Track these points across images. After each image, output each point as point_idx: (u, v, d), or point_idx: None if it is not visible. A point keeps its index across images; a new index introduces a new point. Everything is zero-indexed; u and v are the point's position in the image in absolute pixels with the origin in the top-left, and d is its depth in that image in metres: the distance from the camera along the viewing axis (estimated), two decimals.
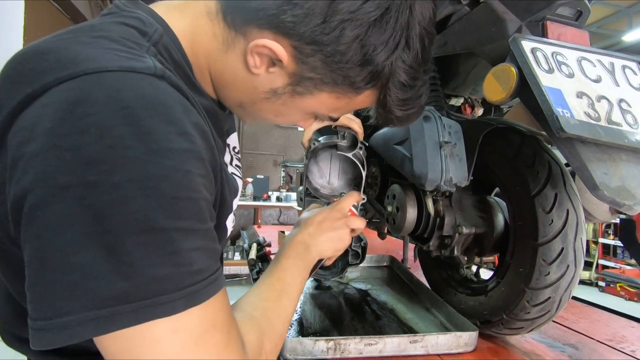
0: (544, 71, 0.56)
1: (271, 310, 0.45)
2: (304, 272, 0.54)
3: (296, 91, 0.41)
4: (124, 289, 0.28)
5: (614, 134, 0.54)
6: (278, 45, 0.37)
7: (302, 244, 0.57)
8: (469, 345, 0.72)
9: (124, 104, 0.30)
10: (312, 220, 0.60)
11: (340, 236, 0.61)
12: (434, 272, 0.96)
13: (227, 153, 0.53)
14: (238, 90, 0.44)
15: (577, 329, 0.87)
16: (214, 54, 0.41)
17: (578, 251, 0.63)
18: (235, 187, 0.49)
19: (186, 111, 0.33)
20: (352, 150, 0.93)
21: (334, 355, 0.67)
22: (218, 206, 0.41)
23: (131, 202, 0.29)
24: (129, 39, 0.35)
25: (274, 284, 0.49)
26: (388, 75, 0.40)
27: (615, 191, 0.52)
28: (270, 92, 0.42)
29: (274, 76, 0.40)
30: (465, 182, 0.75)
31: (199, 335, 0.32)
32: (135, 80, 0.31)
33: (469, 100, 1.09)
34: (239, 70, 0.41)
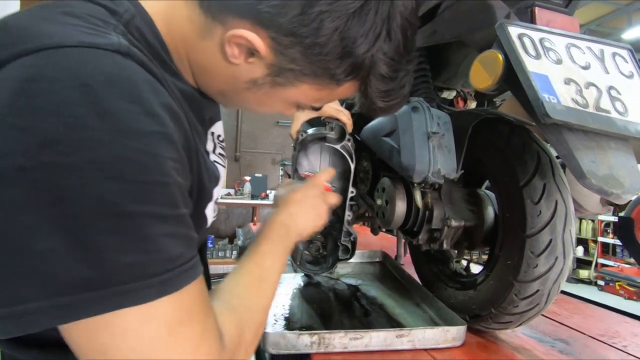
0: (530, 57, 0.55)
1: (250, 298, 0.43)
2: (284, 255, 0.52)
3: (276, 82, 0.40)
4: (87, 276, 0.27)
5: (602, 121, 0.53)
6: (255, 36, 0.36)
7: (282, 225, 0.55)
8: (457, 340, 0.70)
9: (82, 81, 0.28)
10: (291, 199, 0.59)
11: (320, 213, 0.61)
12: (425, 267, 0.95)
13: (209, 141, 0.52)
14: (218, 79, 0.42)
15: (569, 324, 0.85)
16: (191, 40, 0.40)
17: (567, 243, 0.62)
18: (216, 175, 0.48)
19: (155, 91, 0.32)
20: (340, 142, 0.92)
21: (318, 349, 0.66)
22: (196, 193, 0.40)
23: (93, 185, 0.27)
24: (96, 16, 0.33)
25: (253, 270, 0.47)
26: (369, 67, 0.39)
27: (603, 179, 0.51)
28: (250, 82, 0.41)
29: (253, 66, 0.39)
30: (455, 174, 0.73)
31: (173, 325, 0.30)
32: (96, 56, 0.30)
33: (462, 93, 1.08)
34: (217, 59, 0.39)
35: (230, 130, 5.10)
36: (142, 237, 0.29)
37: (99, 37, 0.31)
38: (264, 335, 0.65)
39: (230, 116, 5.09)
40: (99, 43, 0.30)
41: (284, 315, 0.81)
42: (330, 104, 0.87)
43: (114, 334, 0.28)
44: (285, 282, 1.03)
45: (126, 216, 0.28)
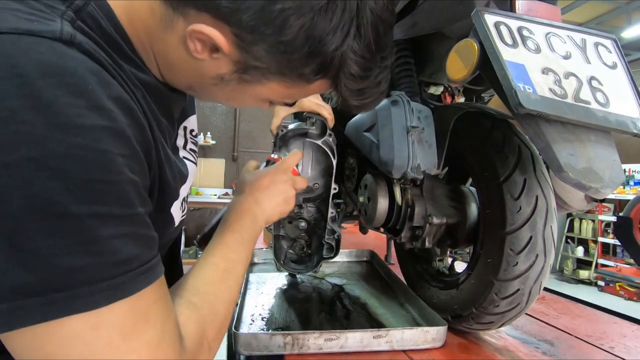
0: (507, 46, 0.52)
1: (214, 294, 0.42)
2: (250, 245, 0.51)
3: (243, 79, 0.38)
4: (27, 281, 0.25)
5: (580, 112, 0.50)
6: (216, 32, 0.34)
7: (249, 214, 0.53)
8: (436, 341, 0.68)
9: (16, 72, 0.26)
10: (258, 185, 0.57)
11: (287, 199, 0.59)
12: (409, 266, 0.92)
13: (180, 136, 0.50)
14: (184, 73, 0.40)
15: (556, 325, 0.83)
16: (153, 31, 0.38)
17: (548, 240, 0.59)
18: (183, 172, 0.46)
19: (102, 83, 0.29)
20: (321, 138, 0.89)
21: (292, 350, 0.64)
22: (157, 192, 0.38)
23: (30, 184, 0.25)
24: (41, 1, 0.31)
25: (218, 264, 0.45)
26: (338, 66, 0.37)
27: (582, 173, 0.49)
28: (217, 78, 0.39)
29: (218, 62, 0.37)
30: (436, 170, 0.71)
31: (127, 330, 0.28)
32: (32, 45, 0.27)
33: (449, 88, 1.05)
34: (181, 53, 0.37)
35: (228, 130, 5.09)
36: (89, 239, 0.27)
37: (38, 24, 0.28)
38: (235, 336, 0.63)
39: (228, 116, 5.08)
40: (37, 30, 0.28)
41: (262, 315, 0.79)
42: (311, 98, 0.85)
43: (61, 343, 0.27)
44: (267, 281, 1.01)
45: (69, 217, 0.26)
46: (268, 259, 1.16)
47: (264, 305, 0.84)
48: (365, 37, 0.36)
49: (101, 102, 0.28)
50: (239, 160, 5.20)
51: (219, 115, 5.01)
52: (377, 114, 0.75)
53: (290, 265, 1.00)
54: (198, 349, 0.37)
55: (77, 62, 0.29)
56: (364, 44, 0.36)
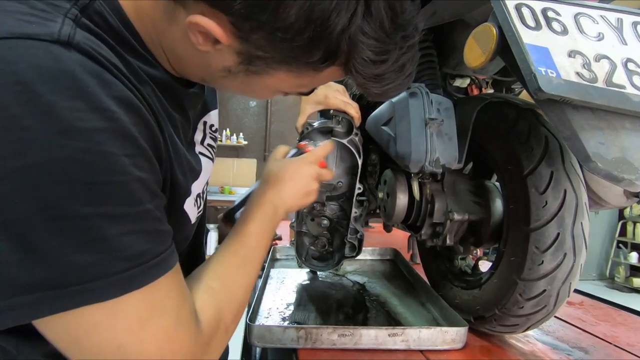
0: (528, 28, 0.49)
1: (232, 279, 0.43)
2: (269, 234, 0.51)
3: (250, 70, 0.37)
4: (44, 276, 0.27)
5: (612, 96, 0.46)
6: (212, 23, 0.33)
7: (270, 204, 0.53)
8: (456, 342, 0.65)
9: (17, 78, 0.26)
10: (282, 175, 0.56)
11: (309, 192, 0.58)
12: (432, 264, 0.89)
13: (199, 131, 0.51)
14: (193, 66, 0.40)
15: (593, 332, 0.76)
16: (159, 25, 0.38)
17: (577, 237, 0.55)
18: (195, 169, 0.46)
19: (102, 83, 0.29)
20: (347, 137, 0.88)
21: (305, 344, 0.64)
22: (169, 189, 0.39)
23: (36, 189, 0.26)
24: (44, 1, 0.31)
25: (238, 250, 0.46)
26: (347, 51, 0.34)
27: (613, 163, 0.44)
28: (224, 70, 0.38)
29: (222, 54, 0.36)
30: (457, 164, 0.68)
31: (144, 318, 0.31)
32: (30, 49, 0.27)
33: (476, 80, 1.01)
34: (187, 46, 0.37)
35: (260, 130, 5.19)
36: (98, 237, 0.28)
37: (36, 26, 0.28)
38: (250, 328, 0.64)
39: (260, 117, 5.18)
40: (34, 33, 0.28)
41: (279, 309, 0.80)
42: (338, 95, 0.83)
43: (86, 329, 0.29)
44: (288, 277, 1.01)
45: (76, 218, 0.27)
46: (290, 255, 1.16)
47: (282, 299, 0.85)
48: (377, 16, 0.33)
49: (101, 103, 0.28)
50: None
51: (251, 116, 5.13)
52: (395, 106, 0.73)
53: (312, 262, 1.00)
54: (215, 332, 0.38)
55: (75, 64, 0.28)
56: (377, 23, 0.33)
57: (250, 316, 0.69)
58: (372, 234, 1.77)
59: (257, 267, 0.47)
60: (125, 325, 0.30)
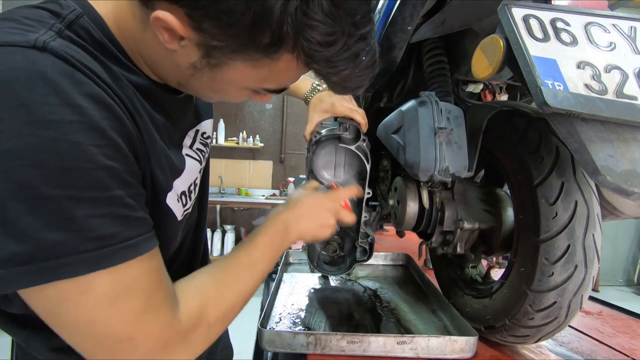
0: (535, 40, 0.49)
1: (225, 281, 0.45)
2: (276, 250, 0.53)
3: (211, 63, 0.39)
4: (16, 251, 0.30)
5: (621, 108, 0.45)
6: (170, 16, 0.35)
7: (283, 223, 0.55)
8: (465, 352, 0.65)
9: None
10: (302, 202, 0.59)
11: (324, 225, 0.60)
12: (443, 272, 0.89)
13: (189, 137, 0.53)
14: (167, 69, 0.43)
15: (610, 344, 0.75)
16: (137, 34, 0.41)
17: (589, 249, 0.54)
18: (176, 166, 0.48)
19: (75, 82, 0.32)
20: (355, 143, 0.89)
21: (315, 350, 0.65)
22: (149, 184, 0.41)
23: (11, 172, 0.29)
24: (32, 18, 0.35)
25: (241, 257, 0.49)
26: (294, 34, 0.35)
27: (623, 176, 0.44)
28: (190, 67, 0.40)
29: (187, 50, 0.38)
30: (466, 172, 0.68)
31: (112, 298, 0.33)
32: (8, 54, 0.31)
33: (490, 86, 1.00)
34: (159, 49, 0.40)
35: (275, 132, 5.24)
36: (67, 217, 0.31)
37: (18, 36, 0.32)
38: (261, 333, 0.66)
39: (275, 119, 5.23)
40: (14, 41, 0.31)
41: (291, 314, 0.81)
42: (344, 102, 0.85)
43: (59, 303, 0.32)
44: (300, 281, 1.03)
45: (47, 199, 0.30)
46: (303, 259, 1.18)
47: (293, 304, 0.87)
48: None
49: (72, 99, 0.31)
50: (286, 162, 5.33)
51: (267, 119, 5.18)
52: (404, 115, 0.73)
53: (323, 266, 1.01)
54: (195, 325, 0.40)
55: (48, 65, 0.31)
56: (316, 5, 0.34)
57: (262, 321, 0.71)
58: (385, 237, 1.77)
59: (257, 278, 0.48)
60: (94, 303, 0.32)
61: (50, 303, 0.32)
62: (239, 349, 1.13)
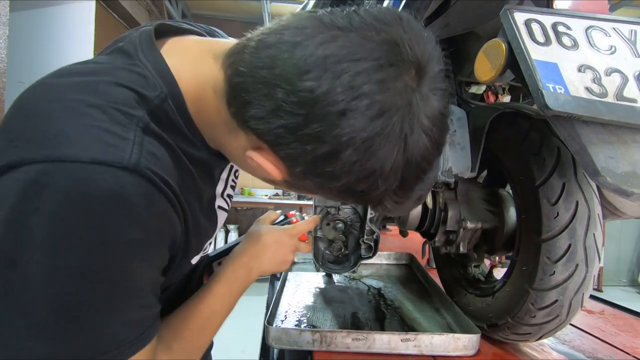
0: (537, 44, 0.50)
1: (191, 342, 0.49)
2: (237, 295, 0.56)
3: (292, 187, 0.42)
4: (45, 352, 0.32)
5: (621, 111, 0.46)
6: (272, 167, 0.38)
7: (244, 268, 0.57)
8: (468, 349, 0.66)
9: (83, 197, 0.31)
10: (263, 241, 0.61)
11: (284, 261, 0.62)
12: (447, 271, 0.90)
13: (221, 181, 0.54)
14: (240, 165, 0.46)
15: (612, 343, 0.76)
16: (217, 127, 0.42)
17: (590, 249, 0.55)
18: (210, 232, 0.50)
19: (150, 203, 0.34)
20: None
21: (320, 347, 0.66)
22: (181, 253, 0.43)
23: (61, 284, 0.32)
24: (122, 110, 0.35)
25: (203, 311, 0.51)
26: (377, 203, 0.39)
27: (623, 178, 0.45)
28: (268, 179, 0.43)
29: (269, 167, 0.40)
30: (470, 173, 0.69)
31: None
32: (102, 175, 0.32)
33: (492, 87, 1.01)
34: (239, 155, 0.41)
35: None
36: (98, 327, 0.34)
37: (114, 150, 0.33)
38: (267, 330, 0.67)
39: None
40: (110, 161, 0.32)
41: (296, 312, 0.83)
42: None
43: None
44: (305, 280, 1.04)
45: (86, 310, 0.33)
46: (307, 258, 1.19)
47: (298, 302, 0.88)
48: (408, 183, 0.37)
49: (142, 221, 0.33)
50: None
51: None
52: None
53: (328, 265, 1.03)
54: None
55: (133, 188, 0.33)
56: (406, 187, 0.38)
57: (268, 319, 0.72)
58: (389, 237, 1.78)
59: (216, 328, 0.52)
60: None
61: None
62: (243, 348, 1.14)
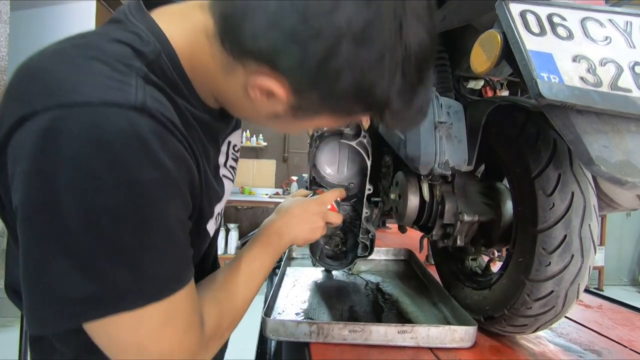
0: (532, 35, 0.50)
1: (234, 293, 0.50)
2: (273, 258, 0.58)
3: (296, 116, 0.43)
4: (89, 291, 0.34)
5: (615, 100, 0.47)
6: (276, 84, 0.38)
7: (276, 233, 0.60)
8: (465, 341, 0.66)
9: (99, 139, 0.32)
10: (291, 210, 0.63)
11: (314, 228, 0.65)
12: (444, 265, 0.90)
13: (222, 153, 0.55)
14: (241, 109, 0.46)
15: (609, 336, 0.76)
16: (213, 74, 0.42)
17: (585, 240, 0.55)
18: (219, 194, 0.51)
19: (162, 141, 0.35)
20: (356, 139, 0.91)
21: (317, 339, 0.67)
22: (197, 214, 0.45)
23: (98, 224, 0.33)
24: (121, 61, 0.36)
25: (242, 269, 0.53)
26: (383, 105, 0.40)
27: (617, 166, 0.45)
28: (272, 115, 0.43)
29: (274, 104, 0.41)
30: (466, 166, 0.69)
31: (161, 325, 0.37)
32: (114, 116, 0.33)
33: (490, 82, 1.01)
34: (240, 95, 0.42)
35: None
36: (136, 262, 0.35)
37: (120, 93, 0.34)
38: (265, 322, 0.68)
39: None
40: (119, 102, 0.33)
41: (294, 305, 0.83)
42: None
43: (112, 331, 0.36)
44: (303, 275, 1.04)
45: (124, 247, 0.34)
46: (305, 254, 1.20)
47: (296, 296, 0.88)
48: (409, 79, 0.39)
49: (159, 159, 0.34)
50: (289, 161, 5.35)
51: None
52: None
53: (326, 261, 1.03)
54: (214, 336, 0.45)
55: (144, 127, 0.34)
56: (408, 84, 0.39)
57: (266, 311, 0.73)
58: (388, 234, 1.79)
59: (257, 285, 0.54)
60: (146, 331, 0.36)
61: (107, 330, 0.35)
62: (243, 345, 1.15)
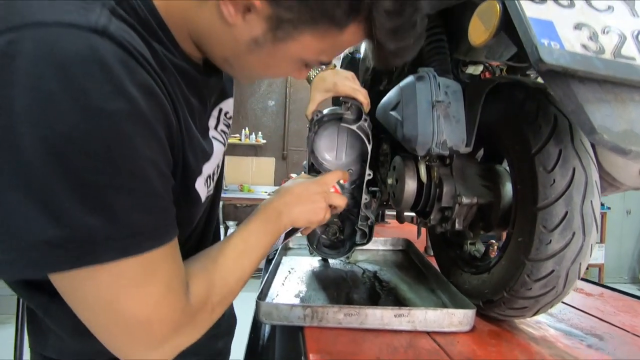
0: (532, 2, 0.48)
1: (226, 267, 0.46)
2: (270, 236, 0.54)
3: (277, 37, 0.39)
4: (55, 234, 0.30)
5: (619, 68, 0.45)
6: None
7: (274, 210, 0.57)
8: (463, 325, 0.65)
9: (55, 60, 0.29)
10: (291, 190, 0.60)
11: (316, 210, 0.61)
12: (442, 252, 0.89)
13: (212, 118, 0.53)
14: (219, 45, 0.43)
15: (611, 321, 0.74)
16: (189, 10, 0.40)
17: (587, 216, 0.54)
18: (206, 151, 0.49)
19: (128, 70, 0.32)
20: (356, 123, 0.89)
21: (312, 323, 0.65)
22: (181, 169, 0.42)
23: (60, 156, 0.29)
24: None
25: (238, 244, 0.50)
26: (370, 3, 0.37)
27: (619, 135, 0.43)
28: (251, 42, 0.40)
29: (251, 24, 0.38)
30: (465, 147, 0.67)
31: (137, 283, 0.34)
32: (71, 37, 0.30)
33: (489, 67, 0.99)
34: (215, 23, 0.39)
35: (278, 129, 5.25)
36: (106, 205, 0.31)
37: (77, 15, 0.31)
38: (258, 305, 0.66)
39: (278, 116, 5.24)
40: (75, 22, 0.31)
41: (288, 291, 0.81)
42: (347, 82, 0.85)
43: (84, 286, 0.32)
44: (299, 264, 1.03)
45: (90, 186, 0.30)
46: (302, 244, 1.18)
47: (291, 282, 0.87)
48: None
49: (125, 88, 0.31)
50: (289, 159, 5.33)
51: (270, 116, 5.20)
52: (402, 90, 0.73)
53: (323, 249, 1.01)
54: (201, 307, 0.41)
55: (106, 51, 0.31)
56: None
57: (260, 295, 0.71)
58: (387, 229, 1.77)
59: (253, 262, 0.50)
60: (119, 287, 0.33)
61: (76, 285, 0.33)
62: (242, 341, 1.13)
